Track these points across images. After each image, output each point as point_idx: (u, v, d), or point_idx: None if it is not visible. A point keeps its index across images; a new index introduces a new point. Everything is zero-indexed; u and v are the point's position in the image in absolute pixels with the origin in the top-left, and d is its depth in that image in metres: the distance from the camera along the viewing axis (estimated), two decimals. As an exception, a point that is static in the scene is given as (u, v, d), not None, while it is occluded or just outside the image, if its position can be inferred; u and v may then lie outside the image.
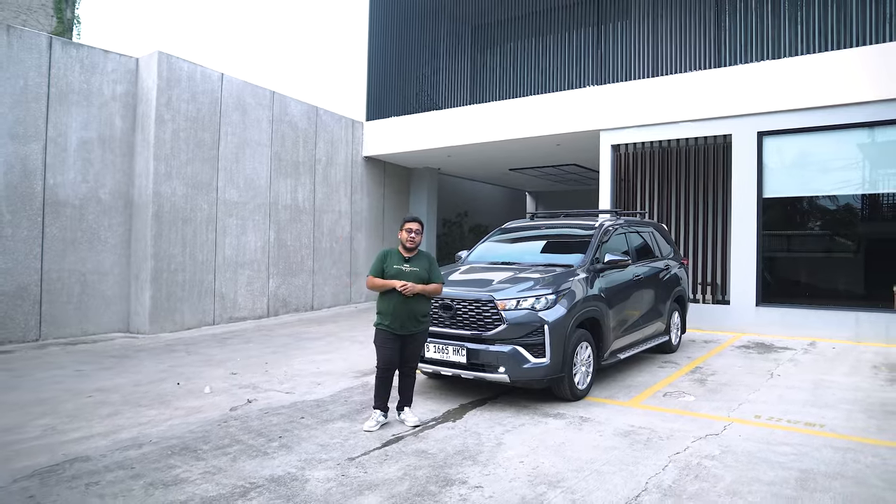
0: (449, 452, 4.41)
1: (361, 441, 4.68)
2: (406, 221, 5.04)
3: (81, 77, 9.56)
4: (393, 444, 4.60)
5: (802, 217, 10.05)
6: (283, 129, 12.45)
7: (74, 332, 9.46)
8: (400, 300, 4.89)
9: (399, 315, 4.90)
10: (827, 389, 6.17)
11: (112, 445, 4.61)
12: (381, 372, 5.02)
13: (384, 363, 4.99)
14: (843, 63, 9.03)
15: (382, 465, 4.17)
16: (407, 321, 4.92)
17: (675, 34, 11.12)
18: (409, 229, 5.01)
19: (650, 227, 8.28)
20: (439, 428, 5.00)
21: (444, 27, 14.53)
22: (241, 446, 4.57)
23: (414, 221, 5.05)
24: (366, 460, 4.26)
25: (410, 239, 5.00)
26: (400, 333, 4.94)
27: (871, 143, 9.23)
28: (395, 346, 4.96)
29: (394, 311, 4.91)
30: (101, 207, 9.81)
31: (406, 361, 5.05)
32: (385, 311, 4.96)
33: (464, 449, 4.48)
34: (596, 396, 5.95)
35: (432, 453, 4.39)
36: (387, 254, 5.08)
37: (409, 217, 5.09)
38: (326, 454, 4.40)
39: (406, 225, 5.03)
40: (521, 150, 13.60)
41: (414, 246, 5.03)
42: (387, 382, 5.04)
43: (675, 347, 8.16)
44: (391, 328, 4.93)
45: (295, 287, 12.74)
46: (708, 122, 10.17)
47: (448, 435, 4.81)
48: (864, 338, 8.81)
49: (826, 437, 4.70)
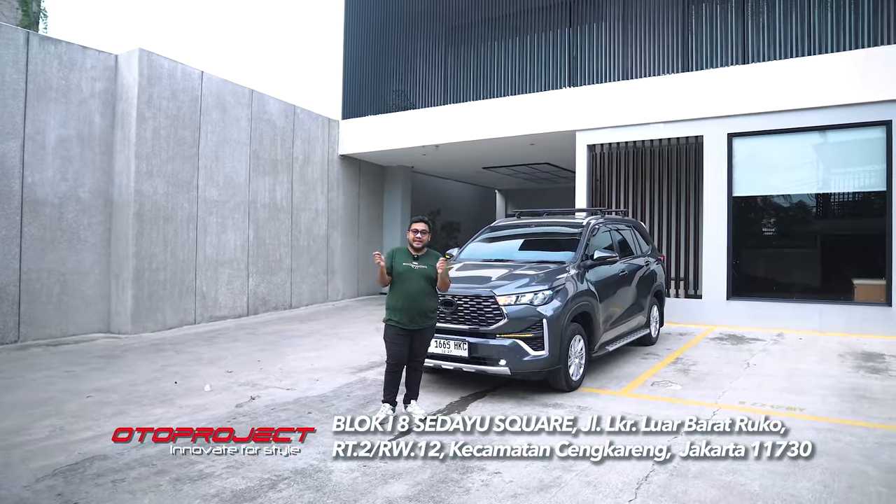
0: (461, 441, 4.61)
1: (375, 434, 4.84)
2: (413, 222, 5.20)
3: (60, 73, 9.41)
4: (406, 436, 4.77)
5: (770, 214, 10.58)
6: (262, 128, 12.43)
7: (54, 332, 9.32)
8: (410, 296, 5.06)
9: (409, 310, 5.06)
10: (801, 377, 6.60)
11: (126, 444, 4.66)
12: (391, 367, 5.17)
13: (394, 358, 5.14)
14: (811, 69, 9.55)
15: (403, 454, 4.35)
16: (417, 316, 5.09)
17: (645, 38, 11.51)
18: (416, 230, 5.16)
19: (631, 225, 8.63)
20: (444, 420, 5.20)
21: (420, 27, 14.68)
22: (256, 441, 4.68)
23: (420, 222, 5.19)
24: (386, 451, 4.43)
25: (417, 239, 5.15)
26: (409, 328, 5.10)
27: (831, 144, 9.79)
28: (404, 342, 5.12)
29: (403, 306, 5.06)
30: (80, 206, 9.68)
31: (414, 356, 5.21)
32: (394, 307, 5.11)
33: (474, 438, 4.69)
34: (589, 387, 6.23)
35: (446, 443, 4.58)
36: (395, 252, 5.23)
37: (415, 218, 5.24)
38: (344, 446, 4.54)
39: (412, 226, 5.18)
40: (495, 149, 13.86)
41: (421, 246, 5.18)
42: (396, 377, 5.20)
43: (654, 340, 8.54)
44: (401, 323, 5.08)
45: (274, 285, 12.74)
46: (680, 124, 10.60)
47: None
48: (827, 329, 9.35)
49: (807, 419, 5.08)
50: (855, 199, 9.92)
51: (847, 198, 10.03)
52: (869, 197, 9.66)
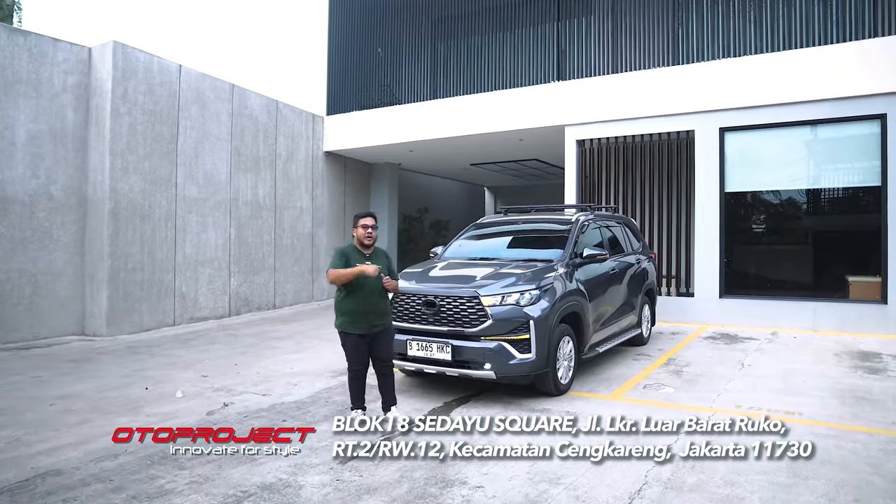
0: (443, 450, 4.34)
1: (350, 442, 4.56)
2: (360, 217, 4.84)
3: (30, 67, 9.04)
4: (383, 445, 4.49)
5: (763, 210, 10.36)
6: (244, 123, 12.09)
7: (25, 335, 8.97)
8: (364, 300, 4.76)
9: (368, 314, 4.77)
10: (797, 377, 6.37)
11: (84, 457, 4.37)
12: (354, 372, 4.90)
13: (355, 363, 4.86)
14: (803, 62, 9.33)
15: (378, 466, 4.08)
16: (375, 319, 4.80)
17: (634, 31, 11.26)
18: (366, 225, 4.81)
19: (621, 222, 8.38)
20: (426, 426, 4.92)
21: (406, 20, 14.37)
22: (224, 454, 4.39)
23: (369, 216, 4.85)
24: (358, 462, 4.15)
25: (368, 235, 4.81)
26: (367, 333, 4.81)
27: (826, 139, 9.57)
28: (364, 345, 4.84)
29: (362, 310, 4.76)
30: (52, 204, 9.32)
31: (381, 360, 4.92)
32: (352, 311, 4.78)
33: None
34: (578, 391, 5.98)
35: (429, 447, 4.31)
36: (346, 252, 4.88)
37: (362, 213, 4.91)
38: (317, 458, 4.27)
39: (361, 221, 4.82)
40: (483, 145, 13.59)
41: (372, 242, 4.87)
42: (360, 381, 4.92)
43: (646, 340, 8.29)
44: (358, 329, 4.78)
45: (257, 285, 12.42)
46: (671, 118, 10.36)
47: (438, 433, 4.74)
48: (821, 327, 9.14)
49: (806, 424, 4.84)
50: (849, 194, 9.71)
51: (841, 193, 9.82)
52: (863, 192, 9.46)
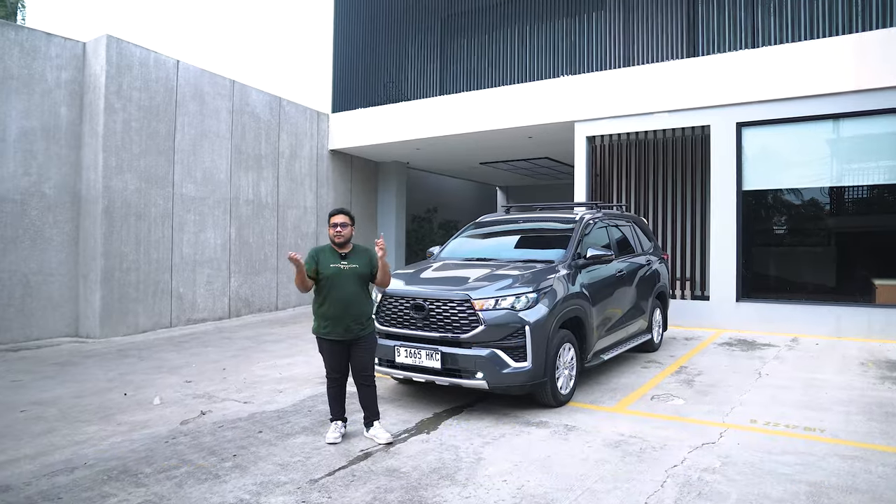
0: (424, 470, 3.96)
1: (325, 459, 4.20)
2: (331, 215, 4.53)
3: (21, 62, 8.83)
4: (360, 462, 4.13)
5: (782, 210, 9.84)
6: (244, 121, 11.82)
7: (17, 337, 8.74)
8: (339, 303, 4.42)
9: (342, 318, 4.42)
10: (819, 389, 5.89)
11: (39, 470, 4.04)
12: (332, 381, 4.59)
13: (335, 371, 4.55)
14: (825, 52, 8.81)
15: (349, 487, 3.70)
16: (352, 324, 4.45)
17: (648, 23, 10.82)
18: (335, 224, 4.48)
19: (630, 220, 7.93)
20: (412, 441, 4.54)
21: (413, 15, 14.03)
22: (188, 468, 4.05)
23: (339, 214, 4.52)
24: (330, 482, 3.79)
25: (337, 234, 4.47)
26: (345, 339, 4.47)
27: (850, 134, 9.02)
28: (342, 352, 4.51)
29: (336, 314, 4.42)
30: (45, 203, 9.09)
31: (360, 370, 4.56)
32: (325, 315, 4.46)
33: (440, 466, 4.04)
34: (580, 401, 5.56)
35: (405, 472, 3.94)
36: (318, 252, 4.56)
37: (333, 210, 4.58)
38: (286, 475, 3.91)
39: (332, 219, 4.51)
40: (491, 142, 13.19)
41: (344, 241, 4.51)
42: (339, 390, 4.62)
43: (657, 346, 7.84)
44: (334, 335, 4.45)
45: (258, 286, 12.13)
46: (685, 113, 9.88)
47: (422, 449, 4.36)
48: (845, 333, 8.62)
49: (829, 443, 4.38)
50: (875, 193, 9.15)
51: (866, 192, 9.26)
52: (890, 191, 8.91)
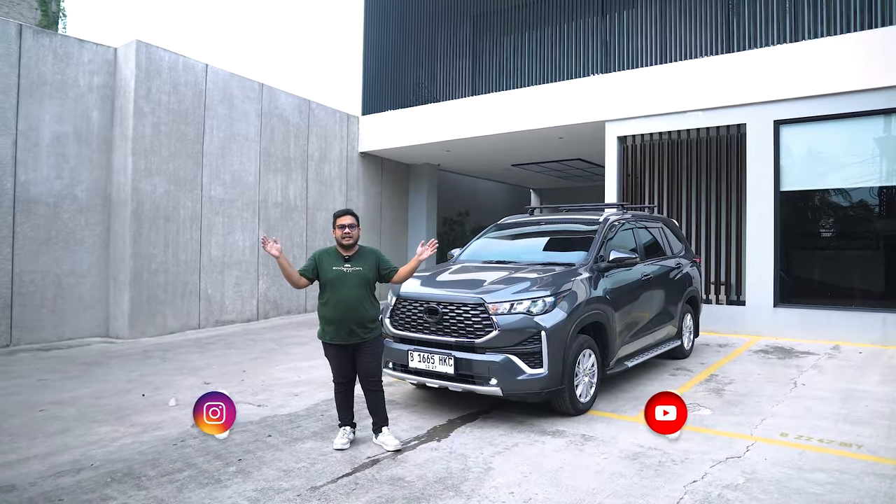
0: (429, 480, 3.82)
1: (330, 465, 4.10)
2: (337, 217, 4.43)
3: (55, 68, 9.03)
4: (365, 470, 4.01)
5: (824, 211, 9.39)
6: (273, 124, 11.89)
7: (49, 337, 8.93)
8: (340, 305, 4.32)
9: (345, 322, 4.32)
10: (859, 401, 5.54)
11: (47, 471, 4.04)
12: (339, 386, 4.51)
13: (340, 375, 4.48)
14: (868, 45, 8.37)
15: (349, 496, 3.59)
16: (356, 328, 4.34)
17: (684, 18, 10.47)
18: (342, 225, 4.38)
19: (660, 222, 7.66)
20: (421, 449, 4.41)
21: (443, 16, 13.93)
22: (192, 472, 4.00)
23: (345, 215, 4.42)
24: (331, 490, 3.68)
25: (345, 235, 4.38)
26: (348, 343, 4.37)
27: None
28: (347, 357, 4.43)
29: (338, 317, 4.32)
30: (77, 205, 9.27)
31: (366, 376, 4.45)
32: (328, 319, 4.37)
33: (446, 476, 3.89)
34: (600, 410, 5.34)
35: (409, 481, 3.81)
36: (321, 254, 4.47)
37: (339, 211, 4.48)
38: (288, 482, 3.82)
39: (338, 220, 4.41)
40: (522, 143, 13.00)
41: (351, 242, 4.41)
42: (347, 395, 4.54)
43: (687, 353, 7.54)
44: (338, 339, 4.36)
45: (287, 288, 12.16)
46: (720, 111, 9.52)
47: (430, 458, 4.22)
48: (892, 341, 8.15)
49: (866, 460, 4.08)
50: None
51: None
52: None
